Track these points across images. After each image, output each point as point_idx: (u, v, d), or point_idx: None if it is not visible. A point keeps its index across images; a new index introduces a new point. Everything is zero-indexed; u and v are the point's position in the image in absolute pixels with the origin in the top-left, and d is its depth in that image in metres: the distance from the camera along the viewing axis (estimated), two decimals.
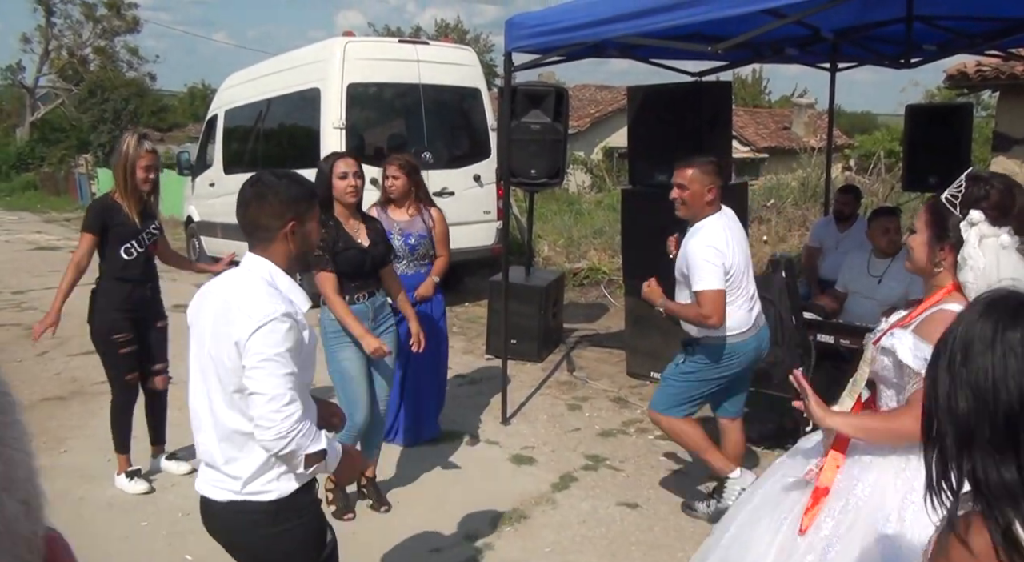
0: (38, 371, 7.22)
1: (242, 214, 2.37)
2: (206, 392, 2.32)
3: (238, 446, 2.27)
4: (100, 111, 32.19)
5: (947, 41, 6.18)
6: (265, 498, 2.28)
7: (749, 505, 2.69)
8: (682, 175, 3.98)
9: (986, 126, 17.72)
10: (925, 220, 2.39)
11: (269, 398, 2.15)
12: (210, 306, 2.33)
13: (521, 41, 5.36)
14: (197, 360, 2.34)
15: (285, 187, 2.34)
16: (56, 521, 3.30)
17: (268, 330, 2.16)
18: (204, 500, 2.38)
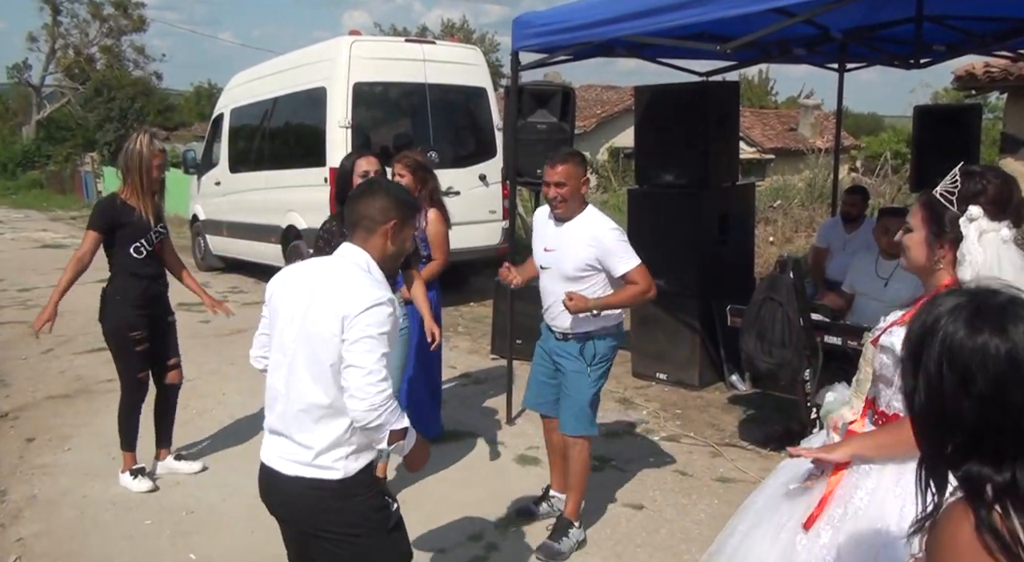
0: (43, 369, 7.22)
1: (352, 207, 2.54)
2: (288, 365, 2.44)
3: (315, 419, 2.39)
4: (106, 110, 32.24)
5: (957, 41, 6.15)
6: (333, 475, 2.39)
7: (752, 509, 2.66)
8: (556, 172, 3.81)
9: (993, 128, 17.65)
10: (921, 217, 2.35)
11: (367, 372, 2.29)
12: (306, 285, 2.46)
13: (528, 40, 5.35)
14: (282, 335, 2.46)
15: (396, 191, 2.58)
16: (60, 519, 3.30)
17: (375, 311, 2.32)
18: (270, 473, 2.49)
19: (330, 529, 2.44)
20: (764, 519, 2.53)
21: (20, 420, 5.94)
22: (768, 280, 4.88)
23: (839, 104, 8.23)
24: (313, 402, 2.39)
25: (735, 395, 6.35)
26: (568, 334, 3.97)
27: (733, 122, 6.89)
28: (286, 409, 2.44)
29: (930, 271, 2.36)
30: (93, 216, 4.66)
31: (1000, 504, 1.25)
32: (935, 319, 1.32)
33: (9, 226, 20.22)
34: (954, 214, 2.27)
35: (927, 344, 1.32)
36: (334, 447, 2.39)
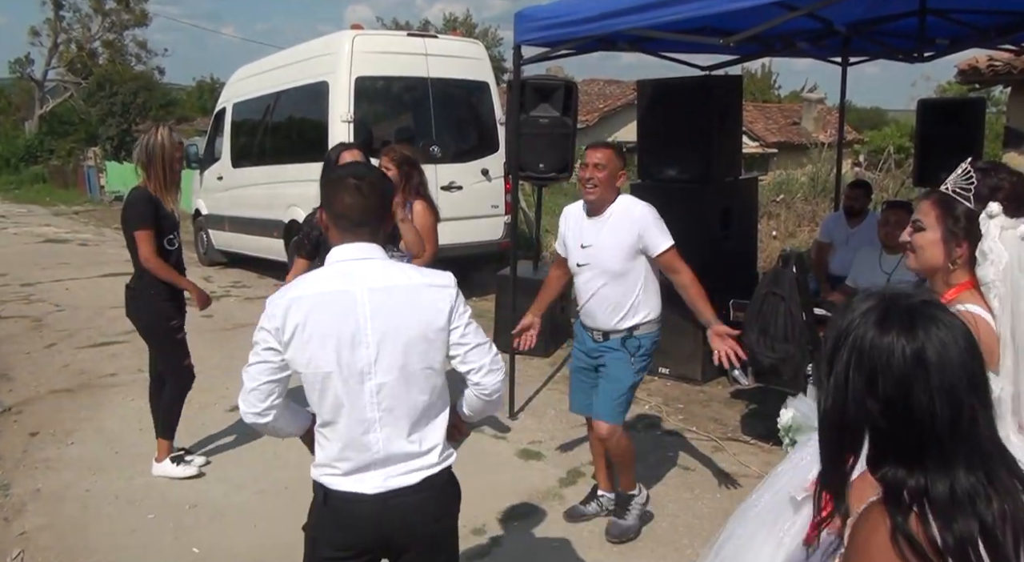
0: (46, 363, 7.24)
1: (359, 205, 2.28)
2: (376, 390, 2.23)
3: (428, 421, 2.34)
4: (109, 104, 32.19)
5: (960, 35, 6.13)
6: (447, 464, 2.40)
7: (752, 514, 2.61)
8: (598, 154, 3.85)
9: (997, 122, 17.62)
10: (936, 216, 2.24)
11: (488, 345, 2.35)
12: (355, 302, 2.20)
13: (530, 34, 5.34)
14: (351, 363, 2.20)
15: (386, 183, 2.49)
16: (63, 513, 3.30)
17: (459, 293, 2.34)
18: (384, 499, 2.26)
19: (443, 526, 2.43)
20: (765, 526, 2.48)
21: (23, 414, 5.96)
22: (771, 275, 4.87)
23: (842, 98, 8.22)
24: (425, 406, 2.29)
25: (737, 390, 6.35)
26: (609, 333, 3.95)
27: (736, 116, 6.88)
28: (389, 434, 2.26)
29: (944, 271, 2.26)
30: (136, 216, 4.57)
31: (918, 509, 1.24)
32: (848, 322, 1.32)
33: (12, 221, 20.24)
34: (972, 211, 2.18)
35: (839, 347, 1.31)
36: (443, 439, 2.40)
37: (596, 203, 3.90)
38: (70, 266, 12.62)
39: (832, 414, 1.32)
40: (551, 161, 6.40)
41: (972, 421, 1.26)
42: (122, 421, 5.79)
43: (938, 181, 2.41)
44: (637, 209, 3.89)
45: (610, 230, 3.88)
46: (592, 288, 3.94)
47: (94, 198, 27.02)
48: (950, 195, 2.24)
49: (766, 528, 2.45)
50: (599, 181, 3.83)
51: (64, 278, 11.43)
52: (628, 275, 3.87)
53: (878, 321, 1.28)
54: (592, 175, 3.83)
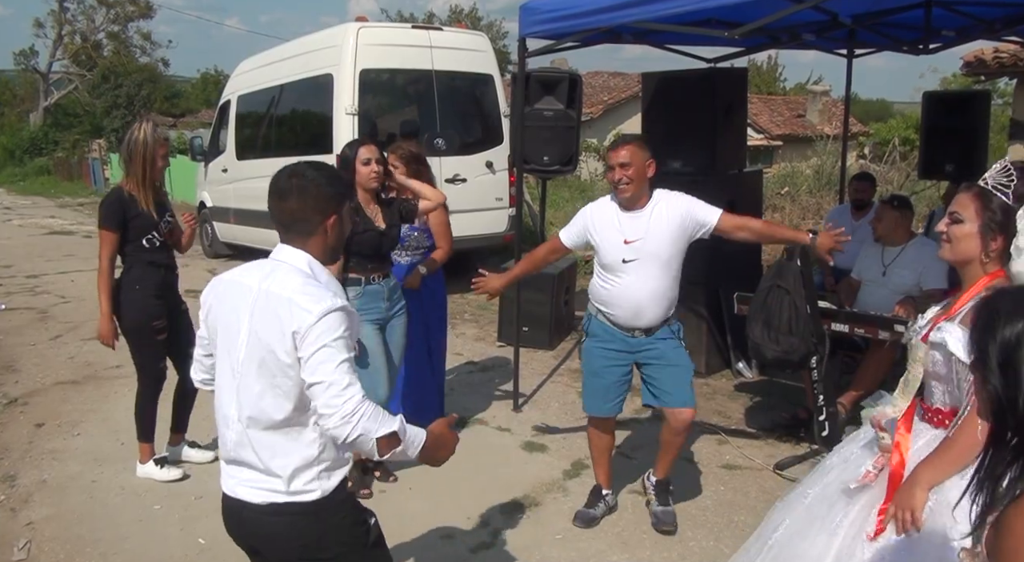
0: (52, 355, 7.26)
1: (280, 206, 2.29)
2: (238, 388, 2.24)
3: (279, 440, 2.22)
4: (113, 96, 32.26)
5: (966, 27, 6.11)
6: (308, 498, 2.22)
7: (800, 506, 2.64)
8: (621, 154, 3.81)
9: (1002, 114, 17.55)
10: (975, 209, 2.33)
11: (328, 385, 2.09)
12: (240, 296, 2.25)
13: (535, 26, 5.33)
14: (229, 355, 2.26)
15: (327, 182, 2.30)
16: (69, 503, 3.32)
17: (327, 320, 2.11)
18: (235, 503, 2.29)
19: (309, 556, 2.27)
20: (817, 517, 2.50)
21: (29, 406, 5.98)
22: (775, 267, 4.86)
23: (847, 90, 8.20)
24: (274, 421, 2.20)
25: (742, 382, 6.36)
26: (654, 326, 3.95)
27: (741, 109, 6.86)
28: (244, 435, 2.24)
29: (978, 263, 2.35)
30: (103, 215, 4.51)
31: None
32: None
33: (17, 213, 20.29)
34: (1010, 207, 2.27)
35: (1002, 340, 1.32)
36: (306, 467, 2.21)
37: (632, 199, 3.87)
38: (75, 258, 12.65)
39: (1008, 408, 1.32)
40: (555, 154, 6.38)
41: None
42: (128, 412, 5.76)
43: (943, 173, 2.50)
44: (675, 197, 3.92)
45: (657, 220, 3.84)
46: (642, 284, 3.87)
47: (99, 190, 27.01)
48: (989, 190, 2.32)
49: (820, 519, 2.49)
50: (629, 178, 3.80)
51: (69, 270, 11.46)
52: (672, 263, 3.90)
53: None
54: (620, 175, 3.81)
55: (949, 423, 2.39)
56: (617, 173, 3.81)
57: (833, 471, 2.67)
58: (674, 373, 3.96)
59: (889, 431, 2.46)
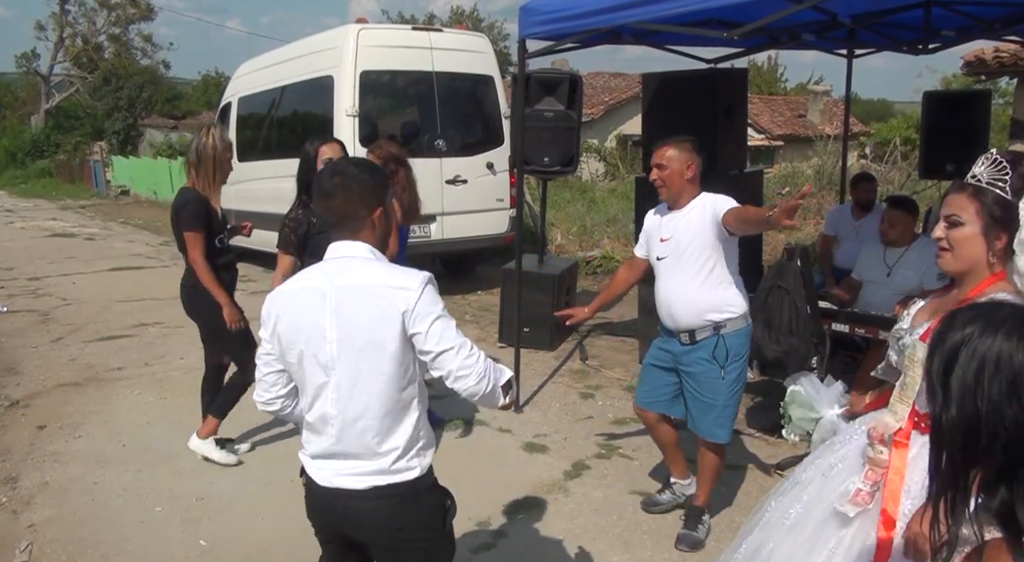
0: (53, 357, 7.27)
1: (327, 206, 2.34)
2: (336, 385, 2.28)
3: (387, 425, 2.28)
4: (114, 99, 32.32)
5: (965, 26, 6.11)
6: (408, 476, 2.31)
7: (781, 528, 2.48)
8: (660, 155, 3.85)
9: (1003, 113, 17.55)
10: (975, 210, 2.17)
11: (457, 348, 2.22)
12: (325, 298, 2.27)
13: (535, 27, 5.33)
14: (317, 357, 2.28)
15: (369, 176, 2.35)
16: (71, 505, 3.33)
17: (427, 293, 2.23)
18: (334, 494, 2.33)
19: (405, 535, 2.33)
20: (807, 540, 2.37)
21: (31, 408, 5.99)
22: (775, 268, 4.87)
23: (848, 90, 8.20)
24: (381, 409, 2.27)
25: None
26: (695, 332, 3.86)
27: (741, 109, 6.86)
28: (345, 429, 2.29)
29: (985, 264, 2.21)
30: (191, 216, 4.60)
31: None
32: (970, 332, 1.28)
33: (19, 215, 20.31)
34: (1009, 201, 2.14)
35: (955, 357, 1.28)
36: (409, 447, 2.31)
37: (671, 199, 3.90)
38: (77, 260, 12.67)
39: (960, 423, 1.27)
40: (556, 155, 6.40)
41: None
42: (129, 414, 5.82)
43: (944, 173, 2.39)
44: (712, 196, 3.84)
45: (689, 219, 3.83)
46: (671, 282, 3.88)
47: (100, 192, 27.09)
48: (984, 187, 2.18)
49: (810, 542, 2.36)
50: (664, 180, 3.85)
51: (71, 272, 11.47)
52: (705, 264, 3.80)
53: (1015, 329, 1.25)
54: (656, 176, 3.87)
55: None
56: (654, 173, 3.88)
57: (812, 485, 2.49)
58: (700, 405, 3.92)
59: (888, 444, 2.32)
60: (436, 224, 9.36)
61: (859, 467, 2.38)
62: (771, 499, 2.66)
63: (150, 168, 25.22)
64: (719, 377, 3.84)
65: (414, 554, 2.38)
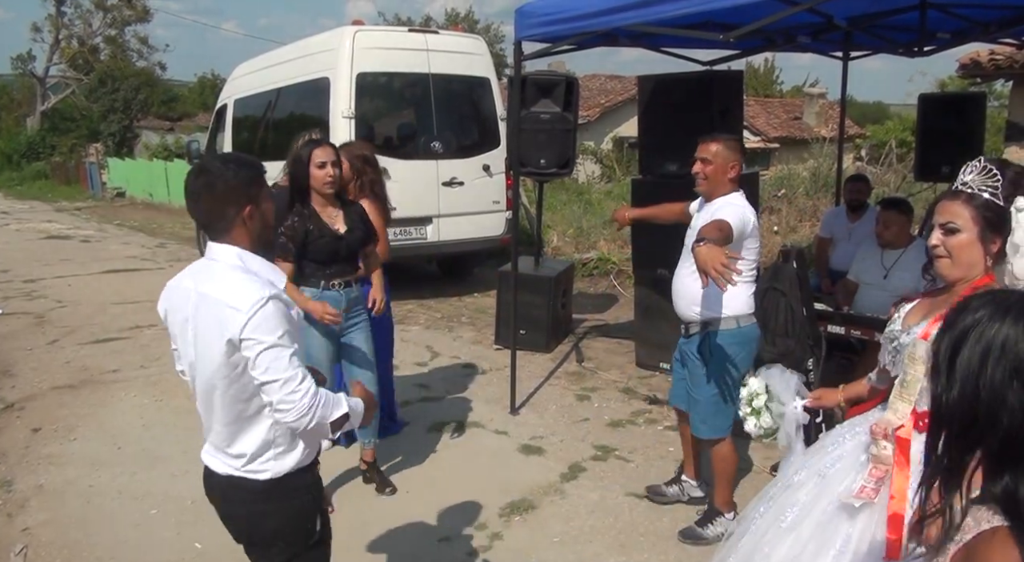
0: (48, 359, 7.25)
1: (194, 207, 2.30)
2: (196, 384, 2.37)
3: (235, 430, 2.33)
4: (110, 100, 32.26)
5: (961, 29, 6.11)
6: (261, 477, 2.34)
7: (776, 530, 2.48)
8: (706, 149, 3.87)
9: (998, 116, 17.59)
10: (971, 216, 2.22)
11: (282, 382, 2.16)
12: (183, 300, 2.31)
13: (531, 30, 5.33)
14: (186, 355, 2.37)
15: (234, 173, 2.28)
16: (66, 508, 3.34)
17: (260, 318, 2.15)
18: (206, 471, 2.47)
19: (255, 532, 2.42)
20: (811, 539, 2.37)
21: (26, 410, 5.97)
22: (771, 270, 4.87)
23: (843, 92, 8.21)
24: (227, 416, 2.31)
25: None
26: (689, 325, 3.96)
27: (737, 112, 6.86)
28: (209, 423, 2.40)
29: (979, 270, 2.25)
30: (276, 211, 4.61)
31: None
32: (980, 317, 1.29)
33: (14, 217, 20.26)
34: (1002, 207, 2.20)
35: (963, 340, 1.28)
36: (260, 452, 2.33)
37: (707, 193, 3.95)
38: (72, 262, 12.64)
39: (959, 405, 1.28)
40: (552, 157, 6.39)
41: None
42: (124, 417, 5.80)
43: (939, 175, 2.43)
44: (733, 198, 3.84)
45: (710, 214, 3.83)
46: (681, 273, 3.95)
47: (96, 194, 27.05)
48: (977, 193, 2.23)
49: (814, 544, 2.36)
50: (707, 174, 3.87)
51: (66, 274, 11.44)
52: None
53: (1017, 317, 1.26)
54: (699, 170, 3.89)
55: None
56: (697, 166, 3.90)
57: (807, 486, 2.50)
58: (691, 400, 4.03)
59: (891, 440, 2.33)
60: (432, 226, 9.35)
61: (858, 466, 2.41)
62: (760, 504, 2.67)
63: (146, 170, 25.20)
64: (702, 374, 3.92)
65: (270, 554, 2.44)
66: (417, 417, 5.72)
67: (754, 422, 3.12)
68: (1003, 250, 2.22)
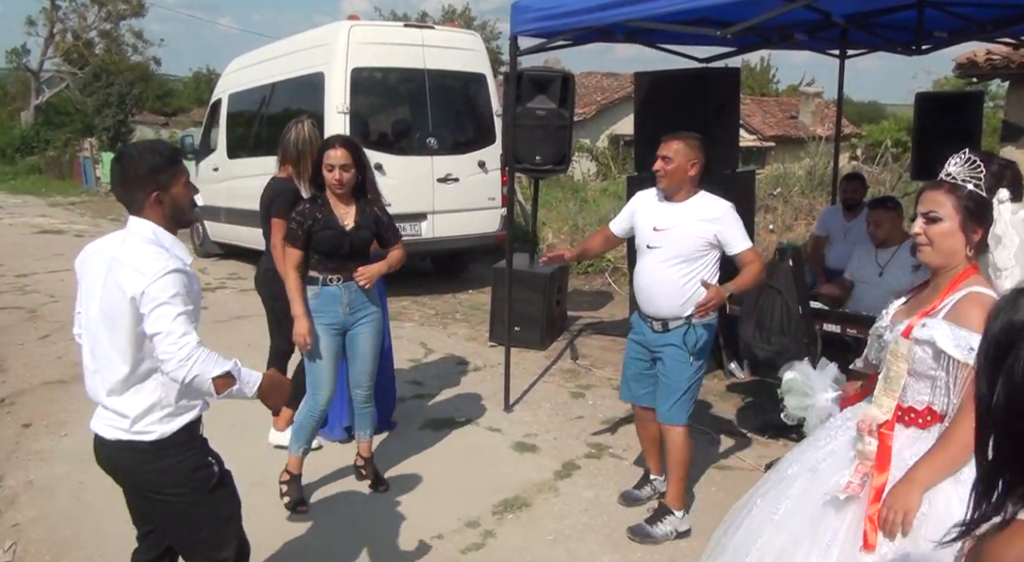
0: (40, 354, 7.21)
1: (115, 191, 2.64)
2: (92, 342, 2.57)
3: (124, 388, 2.52)
4: (105, 95, 32.08)
5: (958, 28, 6.11)
6: (147, 438, 2.53)
7: (770, 526, 2.49)
8: (667, 147, 3.93)
9: (994, 116, 17.60)
10: (953, 205, 2.27)
11: (166, 334, 2.39)
12: (99, 263, 2.54)
13: (526, 25, 5.31)
14: (86, 311, 2.59)
15: (142, 160, 2.54)
16: (56, 505, 3.31)
17: (161, 282, 2.40)
18: (97, 437, 2.63)
19: (153, 489, 2.60)
20: (803, 535, 2.38)
21: (16, 406, 5.93)
22: (767, 268, 4.85)
23: (840, 90, 8.19)
24: (119, 373, 2.51)
25: (733, 383, 6.34)
26: (668, 321, 3.95)
27: (733, 109, 6.85)
28: (98, 382, 2.57)
29: (963, 257, 2.29)
30: (283, 204, 4.57)
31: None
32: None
33: (7, 211, 20.17)
34: (984, 198, 2.24)
35: (1015, 340, 1.21)
36: (148, 412, 2.52)
37: (668, 191, 3.98)
38: (65, 257, 12.51)
39: (1011, 408, 1.21)
40: (548, 153, 6.37)
41: None
42: None
43: (936, 174, 2.42)
44: (719, 208, 3.93)
45: (688, 220, 3.91)
46: (658, 270, 3.95)
47: (90, 189, 26.92)
48: (960, 183, 2.28)
49: (807, 539, 2.36)
50: (667, 172, 3.91)
51: (59, 269, 11.38)
52: (693, 259, 3.90)
53: None
54: (660, 166, 3.94)
55: (923, 422, 2.33)
56: (658, 163, 3.95)
57: (799, 480, 2.52)
58: (665, 388, 4.01)
59: (875, 438, 2.36)
60: (427, 222, 9.32)
61: (847, 461, 2.43)
62: (754, 497, 2.69)
63: None
64: (688, 362, 3.95)
65: (168, 507, 2.62)
66: (411, 414, 5.70)
67: (784, 414, 3.15)
68: (985, 241, 2.26)
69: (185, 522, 2.67)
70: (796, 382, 3.08)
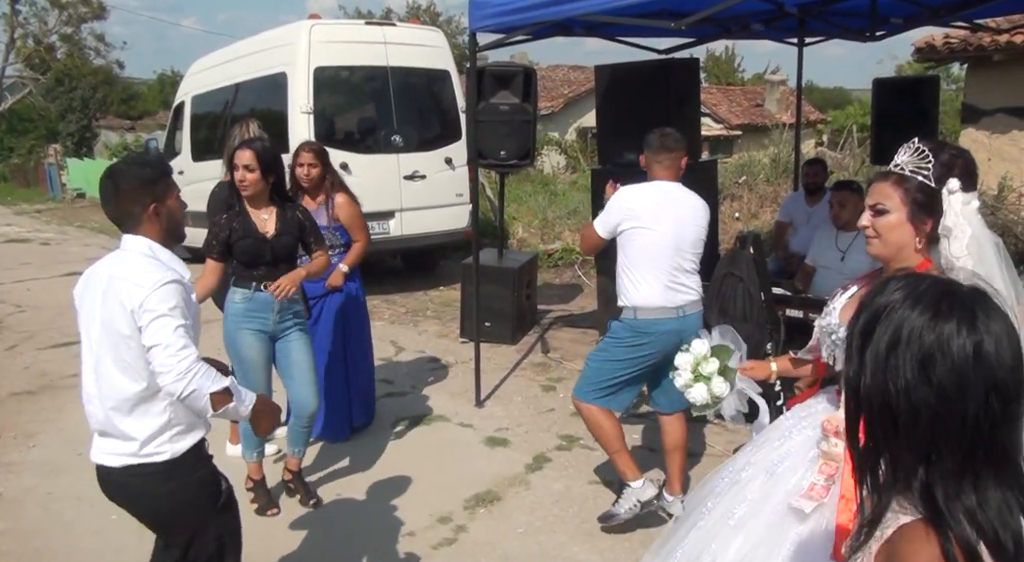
0: (7, 365, 7.13)
1: (106, 206, 2.56)
2: (95, 365, 2.52)
3: (131, 410, 2.48)
4: (68, 100, 31.66)
5: (912, 13, 6.18)
6: (159, 459, 2.50)
7: (725, 529, 2.42)
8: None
9: (956, 99, 17.82)
10: (900, 198, 2.19)
11: (164, 346, 2.37)
12: (96, 285, 2.51)
13: (485, 20, 5.31)
14: (87, 335, 2.54)
15: (136, 174, 2.52)
16: (25, 517, 3.30)
17: (159, 293, 2.38)
18: (102, 469, 2.59)
19: (163, 512, 2.58)
20: (762, 541, 2.32)
21: None
22: (728, 256, 4.90)
23: (799, 78, 8.27)
24: (126, 394, 2.47)
25: None
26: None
27: (694, 100, 6.89)
28: (102, 408, 2.53)
29: (912, 249, 2.22)
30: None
31: (970, 528, 1.14)
32: (893, 300, 1.24)
33: None
34: (933, 188, 2.16)
35: (882, 323, 1.23)
36: (158, 433, 2.49)
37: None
38: (32, 266, 12.43)
39: (873, 391, 1.23)
40: (512, 148, 6.36)
41: (1015, 426, 1.18)
42: (84, 423, 5.63)
43: (889, 162, 2.38)
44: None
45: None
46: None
47: (56, 196, 26.59)
48: (908, 175, 2.20)
49: (766, 546, 2.30)
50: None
51: (26, 278, 11.25)
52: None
53: (934, 304, 1.20)
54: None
55: None
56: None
57: (755, 483, 2.44)
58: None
59: (842, 437, 2.23)
60: (395, 220, 9.30)
61: (807, 462, 2.36)
62: (707, 499, 2.60)
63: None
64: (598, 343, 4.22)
65: (184, 528, 2.61)
66: (382, 412, 5.70)
67: (703, 390, 2.99)
68: (936, 232, 2.19)
69: (195, 540, 2.64)
70: (703, 350, 3.02)
